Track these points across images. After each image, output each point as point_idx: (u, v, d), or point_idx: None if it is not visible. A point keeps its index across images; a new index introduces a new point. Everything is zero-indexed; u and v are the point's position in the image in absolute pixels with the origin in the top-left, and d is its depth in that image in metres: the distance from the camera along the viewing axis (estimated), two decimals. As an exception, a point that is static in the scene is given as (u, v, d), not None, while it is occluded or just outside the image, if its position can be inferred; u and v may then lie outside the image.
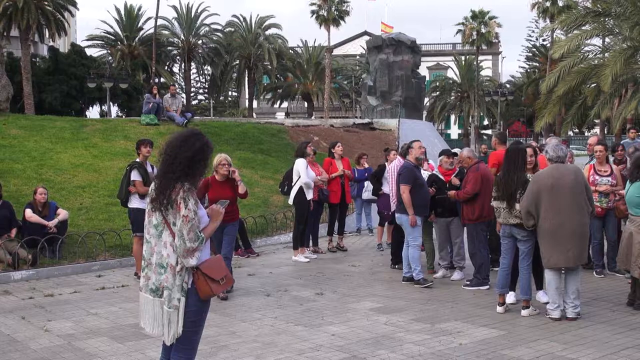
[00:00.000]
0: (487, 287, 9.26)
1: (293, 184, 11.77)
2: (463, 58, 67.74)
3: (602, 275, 10.01)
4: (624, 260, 8.13)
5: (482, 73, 70.24)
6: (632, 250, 7.89)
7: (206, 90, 71.87)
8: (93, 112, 56.88)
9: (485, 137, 67.81)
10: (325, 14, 54.56)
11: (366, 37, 56.51)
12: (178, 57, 58.93)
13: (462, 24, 62.70)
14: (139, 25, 56.78)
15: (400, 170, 9.78)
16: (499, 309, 8.06)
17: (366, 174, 14.93)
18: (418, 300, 8.78)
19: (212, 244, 4.82)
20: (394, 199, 10.42)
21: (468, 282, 9.50)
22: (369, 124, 26.44)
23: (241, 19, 61.12)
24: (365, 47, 36.81)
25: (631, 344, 6.69)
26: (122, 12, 56.27)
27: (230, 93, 77.47)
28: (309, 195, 11.72)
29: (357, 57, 70.01)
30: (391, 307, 8.38)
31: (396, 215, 9.91)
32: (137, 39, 56.01)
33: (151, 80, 48.68)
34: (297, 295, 9.15)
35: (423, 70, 51.06)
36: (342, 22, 54.77)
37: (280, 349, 6.67)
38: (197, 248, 4.33)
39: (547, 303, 7.88)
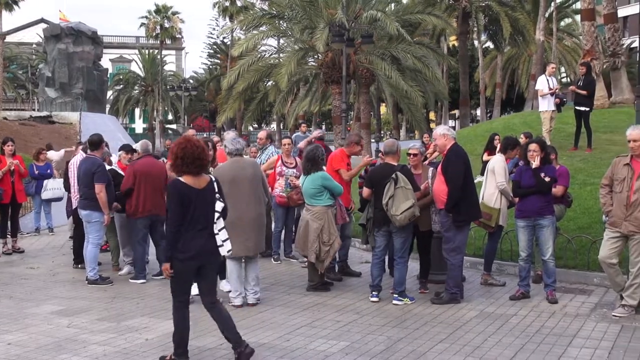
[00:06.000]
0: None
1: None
2: (147, 52, 67.36)
3: (279, 262, 10.73)
4: (302, 247, 8.76)
5: (166, 68, 70.70)
6: (309, 237, 8.56)
7: None
8: None
9: (170, 131, 68.32)
10: (-4, -3, 50.27)
11: (43, 25, 53.20)
12: None
13: (146, 17, 62.45)
14: None
15: (94, 168, 9.36)
16: (185, 301, 8.22)
17: (48, 171, 14.15)
18: (103, 299, 8.59)
19: None
20: (76, 195, 10.06)
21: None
22: (47, 117, 25.18)
23: None
24: (43, 36, 34.84)
25: (304, 323, 7.31)
26: None
27: None
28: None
29: (34, 45, 65.79)
30: (74, 309, 8.08)
31: (83, 212, 9.52)
32: None
33: None
34: (-33, 304, 8.37)
35: (105, 63, 49.65)
36: (15, 7, 51.01)
37: (-53, 365, 6.07)
38: None
39: (229, 292, 8.25)
